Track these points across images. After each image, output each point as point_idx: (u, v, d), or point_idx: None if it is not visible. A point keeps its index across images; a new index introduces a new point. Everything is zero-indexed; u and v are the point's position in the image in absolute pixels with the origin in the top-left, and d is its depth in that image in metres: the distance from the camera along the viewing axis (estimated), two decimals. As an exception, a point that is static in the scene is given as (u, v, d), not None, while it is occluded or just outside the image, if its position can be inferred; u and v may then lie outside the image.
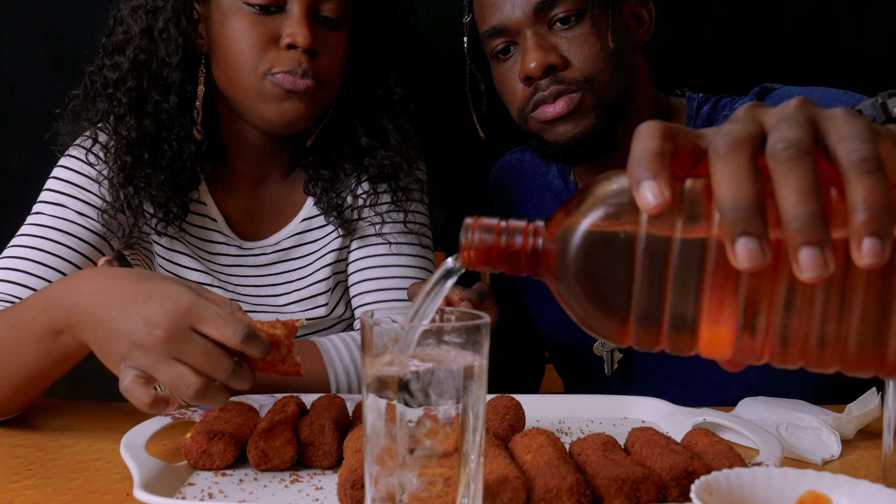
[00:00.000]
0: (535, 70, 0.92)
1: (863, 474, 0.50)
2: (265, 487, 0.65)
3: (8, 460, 0.73)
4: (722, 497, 0.49)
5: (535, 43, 0.92)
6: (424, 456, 0.48)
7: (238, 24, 0.91)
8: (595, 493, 0.58)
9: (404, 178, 1.02)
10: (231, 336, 0.63)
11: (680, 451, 0.62)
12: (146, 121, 0.95)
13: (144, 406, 0.63)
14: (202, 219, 1.05)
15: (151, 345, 0.63)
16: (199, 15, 0.96)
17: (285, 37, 0.91)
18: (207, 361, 0.63)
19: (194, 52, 0.97)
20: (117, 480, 0.68)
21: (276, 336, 0.67)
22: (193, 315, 0.63)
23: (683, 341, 0.43)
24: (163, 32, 0.94)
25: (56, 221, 0.96)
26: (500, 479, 0.57)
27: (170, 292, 0.64)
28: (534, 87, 0.94)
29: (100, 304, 0.67)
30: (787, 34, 1.41)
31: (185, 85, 0.96)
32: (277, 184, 1.07)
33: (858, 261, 0.36)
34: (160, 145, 0.96)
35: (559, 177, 1.12)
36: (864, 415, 0.78)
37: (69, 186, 0.98)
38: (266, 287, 1.07)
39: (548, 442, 0.65)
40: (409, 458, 0.48)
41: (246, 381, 0.65)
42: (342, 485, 0.59)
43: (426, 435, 0.48)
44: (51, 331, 0.72)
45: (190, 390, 0.63)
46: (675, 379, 1.04)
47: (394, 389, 0.48)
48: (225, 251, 1.06)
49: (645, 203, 0.39)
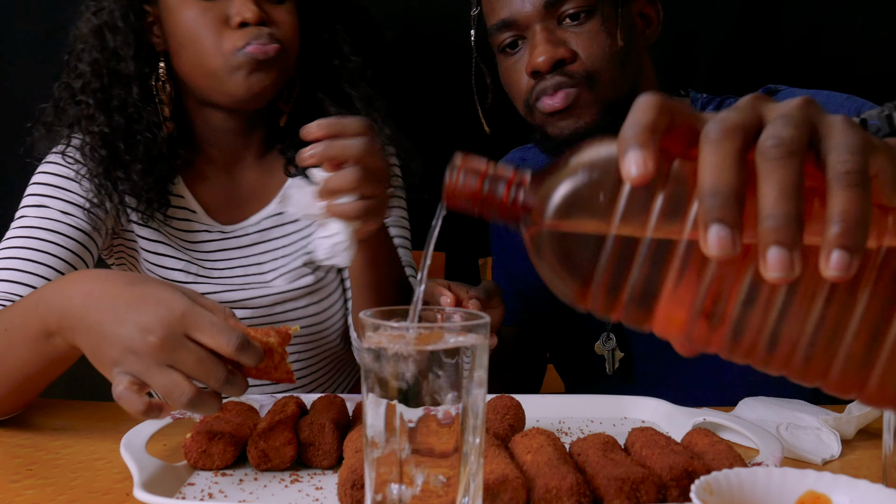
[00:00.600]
0: (544, 64, 0.92)
1: (863, 474, 0.50)
2: (265, 487, 0.65)
3: (8, 460, 0.73)
4: (722, 497, 0.49)
5: (545, 37, 0.93)
6: (424, 456, 0.48)
7: (188, 14, 0.95)
8: (595, 493, 0.58)
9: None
10: (225, 344, 0.63)
11: (680, 451, 0.62)
12: (115, 115, 0.98)
13: (138, 413, 0.63)
14: (181, 211, 1.06)
15: (145, 351, 0.62)
16: (152, 16, 1.00)
17: (234, 16, 0.94)
18: (201, 369, 0.63)
19: (151, 51, 1.00)
20: (117, 480, 0.68)
21: (269, 344, 0.67)
22: (188, 322, 0.63)
23: (639, 315, 0.43)
24: (112, 29, 0.98)
25: (41, 222, 0.97)
26: (500, 479, 0.57)
27: (164, 298, 0.64)
28: (540, 80, 0.95)
29: (92, 308, 0.66)
30: (787, 34, 1.41)
31: (145, 78, 0.99)
32: (253, 167, 1.09)
33: (825, 272, 0.36)
34: (132, 137, 0.99)
35: None
36: (864, 415, 0.78)
37: (50, 188, 1.00)
38: (251, 266, 1.08)
39: (548, 442, 0.65)
40: (408, 459, 0.48)
41: (238, 389, 0.65)
42: (342, 485, 0.59)
43: (426, 435, 0.48)
44: (42, 333, 0.72)
45: (184, 397, 0.62)
46: (676, 379, 1.04)
47: (394, 389, 0.48)
48: (207, 238, 1.07)
49: (627, 172, 0.39)
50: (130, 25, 0.98)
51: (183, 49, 0.97)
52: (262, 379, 0.69)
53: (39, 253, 0.95)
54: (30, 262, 0.94)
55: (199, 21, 0.94)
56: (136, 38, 0.98)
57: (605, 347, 1.06)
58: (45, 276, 0.94)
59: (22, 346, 0.74)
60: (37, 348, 0.73)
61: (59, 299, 0.70)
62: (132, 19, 0.98)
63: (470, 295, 0.82)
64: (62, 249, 0.96)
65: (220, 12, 0.95)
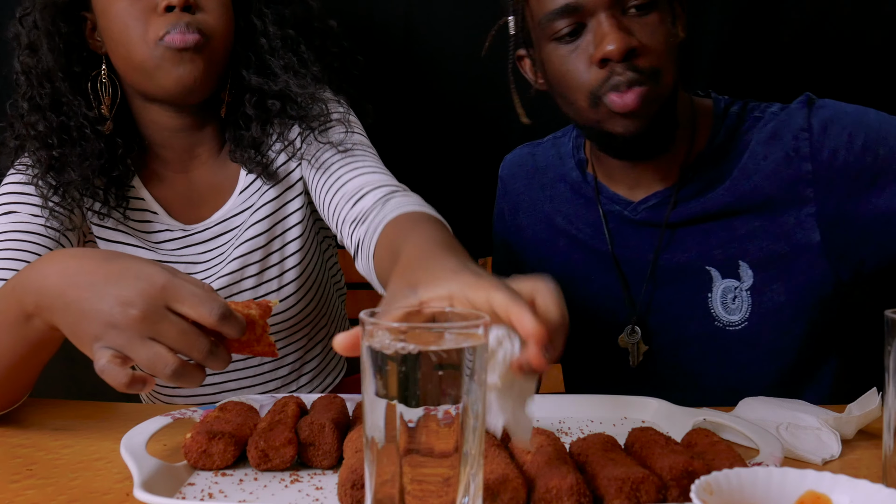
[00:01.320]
0: (616, 52, 0.89)
1: (863, 474, 0.50)
2: (265, 487, 0.65)
3: (8, 460, 0.73)
4: (722, 497, 0.49)
5: (615, 24, 0.90)
6: (424, 456, 0.48)
7: (118, 6, 0.95)
8: (595, 493, 0.58)
9: (313, 105, 1.03)
10: (207, 315, 0.62)
11: (680, 451, 0.62)
12: (48, 114, 0.99)
13: (121, 386, 0.62)
14: (143, 213, 1.07)
15: (126, 324, 0.62)
16: (90, 21, 1.01)
17: (160, 2, 0.93)
18: (184, 340, 0.63)
19: (91, 54, 1.01)
20: (117, 480, 0.68)
21: (251, 316, 0.67)
22: (169, 294, 0.63)
23: None
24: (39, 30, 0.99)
25: (14, 226, 0.98)
26: (500, 479, 0.57)
27: (144, 272, 0.64)
28: (609, 70, 0.91)
29: (69, 286, 0.66)
30: (787, 34, 1.41)
31: (78, 77, 1.00)
32: (209, 164, 1.09)
33: None
34: (68, 134, 1.00)
35: (577, 169, 1.12)
36: (864, 415, 0.77)
37: (14, 196, 1.01)
38: (217, 265, 1.08)
39: (548, 442, 0.65)
40: (408, 459, 0.48)
41: (222, 362, 0.65)
42: (342, 485, 0.59)
43: (426, 435, 0.48)
44: (21, 315, 0.71)
45: (167, 369, 0.62)
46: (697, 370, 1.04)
47: (394, 389, 0.48)
48: (170, 237, 1.07)
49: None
50: (57, 29, 0.98)
51: (116, 45, 0.97)
52: (244, 353, 0.69)
53: (18, 252, 0.95)
54: (11, 260, 0.94)
55: (127, 11, 0.94)
56: (65, 48, 0.99)
57: (629, 340, 1.06)
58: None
59: (2, 332, 0.73)
60: (17, 332, 0.73)
61: (35, 278, 0.69)
62: (63, 28, 0.98)
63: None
64: (39, 247, 0.97)
65: (147, 1, 0.94)
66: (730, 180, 0.99)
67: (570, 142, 1.15)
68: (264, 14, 1.05)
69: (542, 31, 0.95)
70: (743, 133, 1.01)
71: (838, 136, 0.94)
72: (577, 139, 1.14)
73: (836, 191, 0.94)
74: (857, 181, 0.93)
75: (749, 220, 0.99)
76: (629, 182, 1.05)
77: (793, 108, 0.99)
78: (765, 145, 0.98)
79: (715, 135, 1.01)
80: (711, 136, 1.01)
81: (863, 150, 0.93)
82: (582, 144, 1.13)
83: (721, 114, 1.02)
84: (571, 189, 1.12)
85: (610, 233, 1.07)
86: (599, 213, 1.08)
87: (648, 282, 1.04)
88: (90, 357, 0.65)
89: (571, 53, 0.94)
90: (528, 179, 1.18)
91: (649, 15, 0.91)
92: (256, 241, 1.06)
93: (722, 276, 1.00)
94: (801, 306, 0.99)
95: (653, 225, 1.03)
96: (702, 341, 1.02)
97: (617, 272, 1.06)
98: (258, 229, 1.06)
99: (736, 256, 0.99)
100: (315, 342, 1.17)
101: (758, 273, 0.99)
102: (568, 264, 1.11)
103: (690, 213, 1.01)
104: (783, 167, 0.96)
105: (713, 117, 1.03)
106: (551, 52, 0.96)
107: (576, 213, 1.11)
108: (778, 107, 1.01)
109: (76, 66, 1.00)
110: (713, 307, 1.01)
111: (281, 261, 1.08)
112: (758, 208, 0.98)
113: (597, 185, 1.08)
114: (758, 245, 0.98)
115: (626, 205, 1.05)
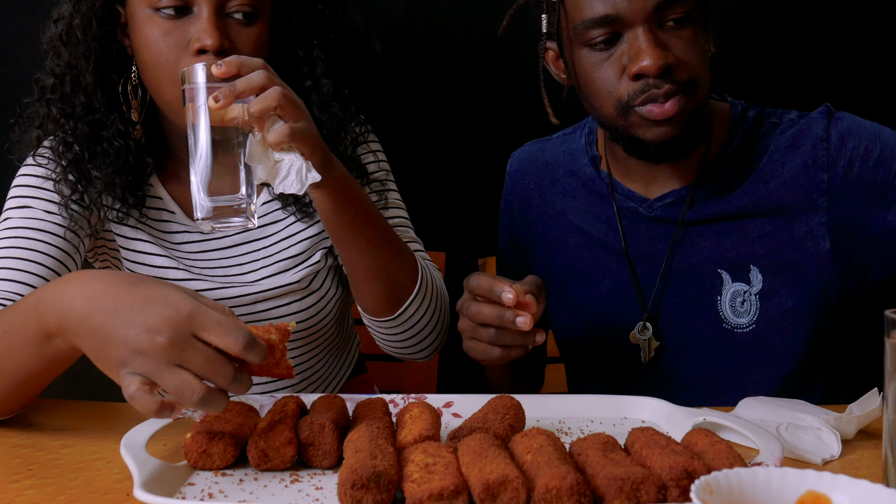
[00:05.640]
0: (652, 69, 0.90)
1: (863, 474, 0.50)
2: (265, 487, 0.65)
3: (8, 460, 0.73)
4: (722, 497, 0.49)
5: (653, 40, 0.90)
6: None
7: (151, 33, 0.92)
8: (595, 493, 0.58)
9: (349, 162, 1.03)
10: (233, 343, 0.63)
11: (680, 451, 0.62)
12: (79, 124, 0.98)
13: (151, 413, 0.63)
14: (160, 212, 1.07)
15: (153, 351, 0.63)
16: (124, 17, 0.98)
17: (193, 42, 0.91)
18: (210, 368, 0.64)
19: (121, 54, 0.99)
20: (117, 480, 0.68)
21: (271, 341, 0.68)
22: (195, 322, 0.64)
23: None
24: (74, 40, 0.97)
25: (26, 222, 0.98)
26: (500, 478, 0.57)
27: (170, 298, 0.65)
28: (644, 83, 0.91)
29: (95, 310, 0.66)
30: (787, 34, 1.41)
31: (112, 85, 0.98)
32: None
33: None
34: (99, 144, 0.99)
35: (590, 165, 1.12)
36: (864, 415, 0.77)
37: (30, 189, 1.01)
38: (233, 267, 1.08)
39: (548, 442, 0.65)
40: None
41: (244, 386, 0.66)
42: (342, 485, 0.59)
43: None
44: (42, 334, 0.72)
45: (195, 396, 0.63)
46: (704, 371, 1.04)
47: None
48: (188, 239, 1.07)
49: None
50: (94, 35, 0.96)
51: (146, 69, 0.95)
52: (263, 375, 0.70)
53: (29, 251, 0.95)
54: (21, 260, 0.94)
55: (160, 45, 0.92)
56: (100, 47, 0.96)
57: (640, 336, 1.06)
58: (37, 273, 0.95)
59: (21, 348, 0.74)
60: (36, 350, 0.73)
61: (59, 301, 0.70)
62: (95, 28, 0.96)
63: (524, 290, 0.83)
64: (50, 247, 0.97)
65: (182, 35, 0.91)
66: (747, 183, 1.00)
67: (583, 138, 1.15)
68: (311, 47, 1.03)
69: (577, 36, 0.95)
70: (760, 138, 1.01)
71: (855, 149, 0.95)
72: (590, 136, 1.14)
73: (847, 201, 0.95)
74: (869, 194, 0.94)
75: (762, 224, 0.99)
76: (645, 180, 1.05)
77: (813, 117, 1.00)
78: (784, 152, 0.99)
79: (732, 138, 1.02)
80: (728, 138, 1.02)
81: (877, 164, 0.94)
82: (595, 141, 1.13)
83: (738, 117, 1.03)
84: (584, 185, 1.12)
85: (623, 229, 1.07)
86: (614, 210, 1.08)
87: (660, 280, 1.04)
88: (116, 381, 0.66)
89: (604, 62, 0.94)
90: (537, 175, 1.18)
91: (685, 29, 0.92)
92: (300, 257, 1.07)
93: (732, 279, 1.00)
94: (807, 312, 0.99)
95: (668, 222, 1.04)
96: (709, 342, 1.02)
97: (629, 269, 1.06)
98: (283, 244, 1.07)
99: (747, 259, 1.00)
100: (323, 348, 1.17)
101: (767, 277, 0.99)
102: (579, 260, 1.11)
103: (706, 214, 1.01)
104: (801, 175, 0.97)
105: (730, 120, 1.03)
106: (583, 56, 0.96)
107: (588, 209, 1.11)
108: (796, 114, 1.02)
109: (108, 67, 0.98)
110: (722, 309, 1.01)
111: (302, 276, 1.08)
112: (772, 213, 0.99)
113: (611, 182, 1.09)
114: (769, 249, 0.99)
115: (642, 202, 1.05)
